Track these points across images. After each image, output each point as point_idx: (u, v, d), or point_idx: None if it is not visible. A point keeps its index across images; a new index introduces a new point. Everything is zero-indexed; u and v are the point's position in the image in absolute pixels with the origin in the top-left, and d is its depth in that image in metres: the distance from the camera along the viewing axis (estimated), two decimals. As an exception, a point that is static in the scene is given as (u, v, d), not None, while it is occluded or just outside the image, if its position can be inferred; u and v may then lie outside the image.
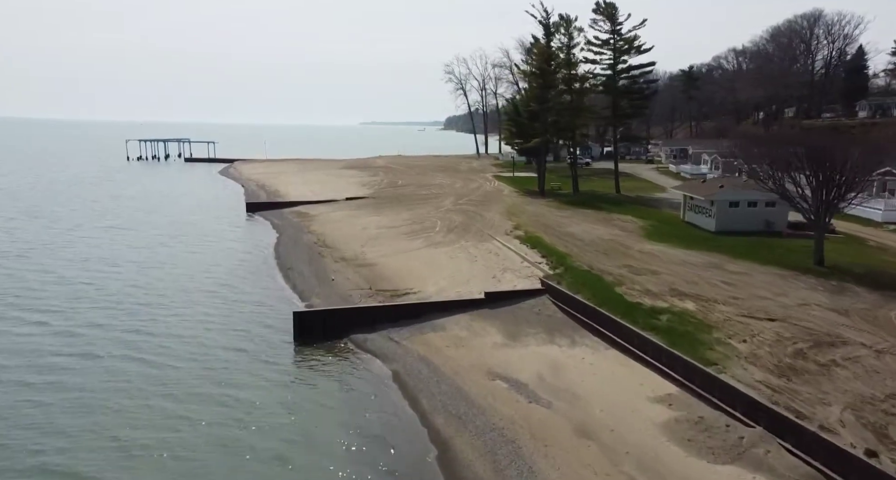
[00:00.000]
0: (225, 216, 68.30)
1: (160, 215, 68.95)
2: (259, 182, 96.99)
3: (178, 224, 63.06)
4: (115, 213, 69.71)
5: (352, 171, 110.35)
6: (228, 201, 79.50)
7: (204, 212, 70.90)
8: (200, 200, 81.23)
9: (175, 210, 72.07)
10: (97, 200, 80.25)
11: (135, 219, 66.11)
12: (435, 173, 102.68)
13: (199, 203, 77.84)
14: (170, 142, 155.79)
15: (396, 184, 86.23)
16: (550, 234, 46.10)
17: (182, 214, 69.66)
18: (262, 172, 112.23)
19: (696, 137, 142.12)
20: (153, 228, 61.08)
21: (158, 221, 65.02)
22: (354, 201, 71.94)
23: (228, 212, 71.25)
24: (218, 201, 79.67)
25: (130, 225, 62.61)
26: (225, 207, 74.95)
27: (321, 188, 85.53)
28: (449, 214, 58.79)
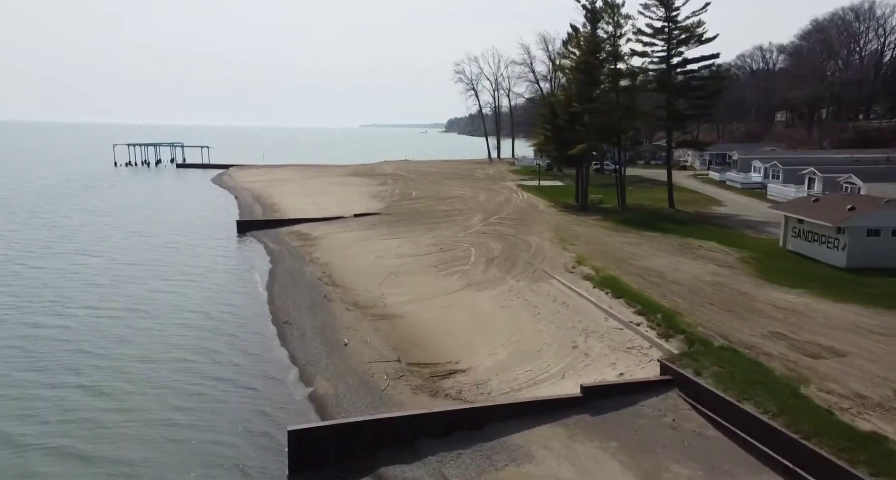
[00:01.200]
0: (213, 238, 56.78)
1: (137, 236, 57.40)
2: (254, 192, 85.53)
3: (155, 250, 51.54)
4: (84, 233, 58.22)
5: (357, 179, 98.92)
6: (218, 217, 67.97)
7: (189, 232, 59.33)
8: (187, 215, 69.66)
9: (156, 229, 60.56)
10: (68, 215, 68.75)
11: (106, 242, 54.62)
12: (450, 182, 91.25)
13: (185, 220, 66.30)
14: (161, 146, 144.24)
15: (410, 196, 74.77)
16: (627, 271, 34.67)
17: (163, 234, 58.14)
18: (259, 179, 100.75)
19: (725, 140, 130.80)
20: (124, 254, 49.58)
21: (133, 245, 53.51)
22: (365, 218, 60.46)
23: (217, 231, 59.75)
24: (207, 217, 68.14)
25: (99, 250, 51.18)
26: (214, 224, 63.42)
27: (324, 200, 74.12)
28: (482, 237, 47.36)
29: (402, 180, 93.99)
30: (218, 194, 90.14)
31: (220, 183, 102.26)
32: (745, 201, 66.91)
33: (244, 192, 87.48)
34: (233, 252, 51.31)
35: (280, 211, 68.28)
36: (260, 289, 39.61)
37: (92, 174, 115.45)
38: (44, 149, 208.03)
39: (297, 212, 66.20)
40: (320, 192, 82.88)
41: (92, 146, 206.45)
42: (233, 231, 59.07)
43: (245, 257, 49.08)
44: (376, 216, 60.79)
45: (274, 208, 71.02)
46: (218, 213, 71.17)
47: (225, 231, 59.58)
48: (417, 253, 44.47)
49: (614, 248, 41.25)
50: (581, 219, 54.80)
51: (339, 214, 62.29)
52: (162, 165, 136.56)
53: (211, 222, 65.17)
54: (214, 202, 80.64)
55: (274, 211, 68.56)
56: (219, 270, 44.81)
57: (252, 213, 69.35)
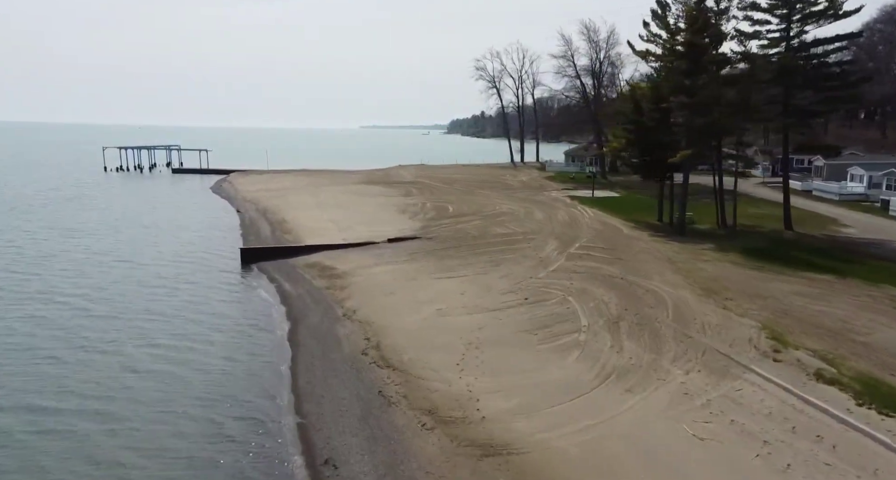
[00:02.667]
0: (211, 270, 43.28)
1: (119, 268, 43.78)
2: (260, 204, 71.99)
3: (139, 293, 37.89)
4: (55, 263, 44.61)
5: (376, 187, 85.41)
6: (218, 240, 54.37)
7: (179, 263, 45.65)
8: (181, 236, 55.96)
9: (143, 257, 46.97)
10: (36, 237, 54.99)
11: (80, 276, 41.11)
12: (485, 192, 77.80)
13: (179, 243, 52.60)
14: (157, 149, 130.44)
15: (447, 211, 61.19)
16: (870, 359, 21.30)
17: (152, 265, 44.55)
18: (263, 188, 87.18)
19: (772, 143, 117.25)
20: (91, 303, 35.96)
21: (113, 282, 39.92)
22: (402, 243, 46.96)
23: (217, 260, 46.23)
24: (205, 240, 54.47)
25: (68, 290, 37.72)
26: (213, 250, 49.83)
27: (343, 216, 60.61)
28: (576, 279, 33.88)
29: (429, 190, 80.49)
30: (218, 206, 76.47)
31: (221, 192, 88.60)
32: (865, 219, 53.52)
33: (248, 204, 73.90)
34: (236, 298, 37.63)
35: (293, 232, 54.74)
36: (280, 374, 26.04)
37: (79, 181, 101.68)
38: (34, 152, 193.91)
39: (313, 233, 52.73)
40: (337, 204, 69.36)
41: (85, 149, 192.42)
42: (236, 261, 45.61)
43: (253, 309, 35.38)
44: (416, 242, 47.25)
45: (285, 226, 57.47)
46: (218, 233, 57.50)
47: (226, 261, 46.06)
48: (494, 305, 30.94)
49: (796, 306, 27.73)
50: (691, 248, 41.31)
51: (368, 238, 48.73)
52: (156, 170, 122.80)
53: (209, 246, 51.50)
54: (214, 218, 66.95)
55: (285, 232, 55.01)
56: (216, 335, 31.04)
57: (259, 233, 55.79)
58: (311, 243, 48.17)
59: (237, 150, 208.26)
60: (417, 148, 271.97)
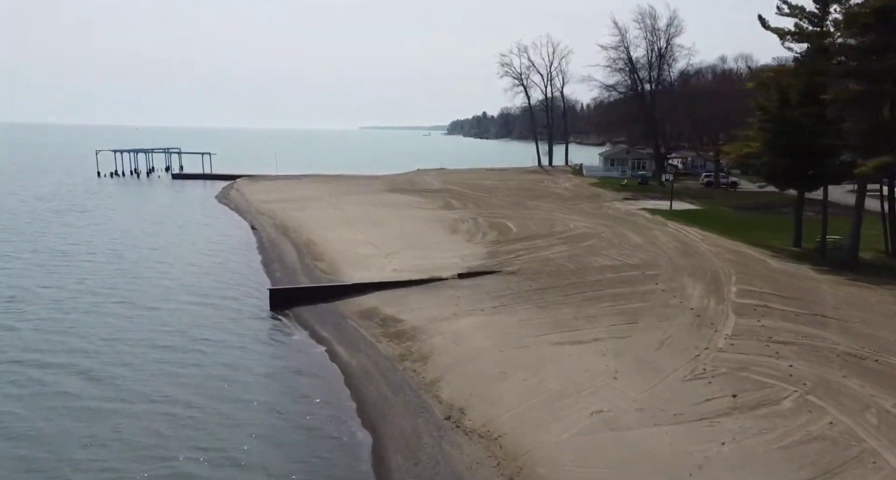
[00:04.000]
0: (231, 320, 31.70)
1: (111, 320, 32.07)
2: (277, 219, 60.48)
3: (136, 362, 26.34)
4: (18, 315, 32.81)
5: (406, 197, 73.92)
6: (235, 269, 42.79)
7: (191, 306, 33.93)
8: (189, 265, 44.10)
9: (140, 299, 35.27)
10: (12, 266, 43.24)
11: (54, 333, 29.54)
12: (536, 203, 66.45)
13: (187, 277, 40.85)
14: (155, 153, 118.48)
15: (509, 230, 49.60)
16: None
17: (150, 314, 32.77)
18: (277, 197, 75.61)
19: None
20: (75, 378, 24.53)
21: (98, 341, 28.37)
22: (476, 279, 35.41)
23: (238, 303, 34.63)
24: (218, 269, 42.78)
25: (25, 364, 26.09)
26: (231, 284, 38.26)
27: (381, 236, 49.16)
28: (786, 356, 22.19)
29: (470, 200, 69.00)
30: (228, 220, 64.77)
31: (229, 202, 76.93)
32: None
33: (263, 218, 62.30)
34: (273, 370, 26.00)
35: (325, 258, 43.19)
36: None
37: (70, 188, 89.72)
38: (21, 155, 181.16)
39: (353, 262, 41.27)
40: (369, 219, 57.81)
41: (76, 152, 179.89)
42: (262, 304, 34.08)
43: (299, 391, 23.75)
44: (495, 277, 35.65)
45: (314, 250, 45.92)
46: (234, 260, 45.84)
47: (251, 303, 34.56)
48: (683, 407, 19.32)
49: None
50: (879, 290, 29.99)
51: (428, 271, 37.14)
52: (155, 176, 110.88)
53: (227, 279, 39.84)
54: (226, 236, 55.21)
55: (316, 258, 43.44)
56: (261, 455, 19.52)
57: (283, 260, 44.20)
58: (358, 278, 36.53)
59: (239, 152, 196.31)
60: (424, 150, 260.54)
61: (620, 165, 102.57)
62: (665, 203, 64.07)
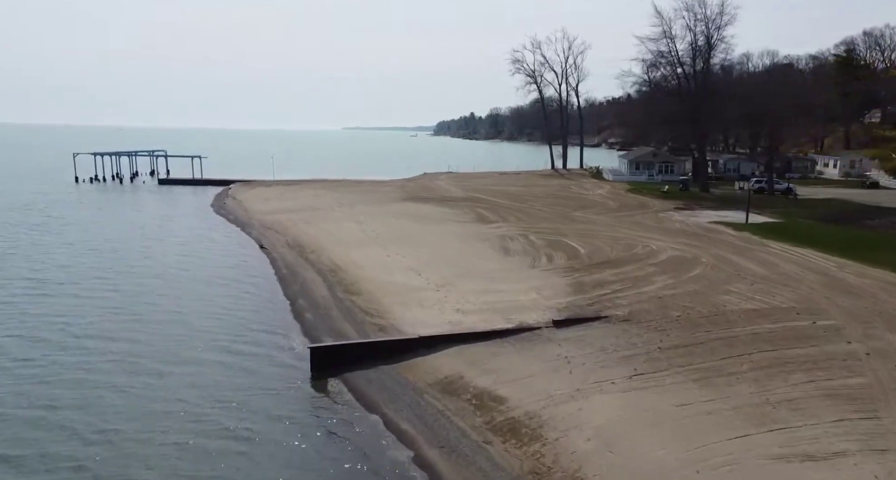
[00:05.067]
0: (263, 400, 22.59)
1: (100, 394, 22.89)
2: (288, 235, 51.35)
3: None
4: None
5: (428, 206, 64.93)
6: (251, 309, 33.41)
7: (205, 380, 24.56)
8: (190, 303, 34.65)
9: (132, 358, 26.02)
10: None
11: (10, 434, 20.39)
12: (581, 214, 57.97)
13: (188, 321, 31.45)
14: (139, 155, 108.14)
15: (575, 252, 40.80)
16: None
17: (148, 398, 23.38)
18: (281, 207, 66.32)
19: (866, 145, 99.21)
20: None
21: (65, 465, 19.21)
22: (577, 328, 26.63)
23: (267, 365, 25.47)
24: (229, 311, 33.25)
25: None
26: (251, 336, 28.98)
27: (423, 260, 40.26)
28: None
29: (505, 211, 60.28)
30: (229, 236, 55.27)
31: (226, 212, 67.40)
32: None
33: (271, 233, 53.07)
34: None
35: (361, 290, 34.22)
36: None
37: (45, 197, 79.42)
38: (3, 158, 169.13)
39: (398, 296, 32.44)
40: (396, 235, 48.82)
41: (53, 154, 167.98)
42: (299, 363, 25.11)
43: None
44: (603, 326, 26.88)
45: (342, 278, 36.88)
46: (248, 293, 36.48)
47: (284, 363, 25.55)
48: None
49: None
50: None
51: (508, 315, 28.32)
52: (139, 181, 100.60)
53: (245, 322, 30.60)
54: (231, 259, 45.74)
55: (351, 291, 34.38)
56: None
57: (310, 294, 35.04)
58: (419, 326, 27.60)
59: (227, 155, 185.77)
60: (417, 151, 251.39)
61: (647, 169, 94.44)
62: (731, 214, 55.96)
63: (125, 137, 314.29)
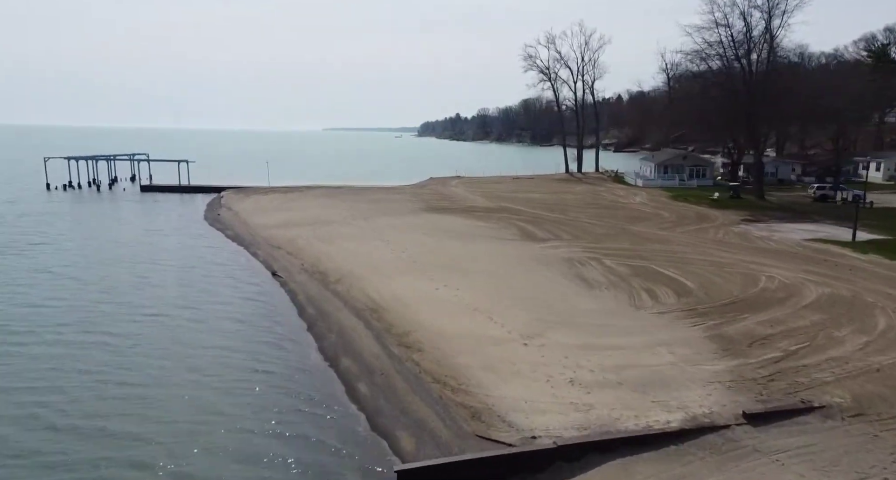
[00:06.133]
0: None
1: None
2: (303, 257, 42.26)
3: None
4: None
5: (458, 219, 56.01)
6: (288, 379, 24.25)
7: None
8: (183, 382, 25.42)
9: (137, 466, 17.00)
10: None
11: None
12: (646, 229, 49.57)
13: (207, 403, 22.37)
14: (118, 160, 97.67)
15: (685, 290, 32.29)
16: None
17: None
18: (286, 220, 57.04)
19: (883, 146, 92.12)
20: None
21: None
22: (781, 428, 18.03)
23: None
24: (254, 384, 24.27)
25: None
26: (295, 430, 20.01)
27: (480, 293, 31.50)
28: None
29: (551, 225, 51.67)
30: (230, 258, 45.64)
31: (223, 226, 57.80)
32: None
33: (281, 254, 43.82)
34: None
35: (425, 346, 25.25)
36: None
37: (11, 207, 69.14)
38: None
39: (479, 356, 23.62)
40: (437, 258, 39.82)
41: (22, 158, 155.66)
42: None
43: None
44: (821, 427, 18.36)
45: (396, 326, 27.89)
46: (267, 343, 27.36)
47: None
48: None
49: None
50: None
51: (650, 391, 19.69)
52: (118, 188, 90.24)
53: (280, 406, 21.48)
54: (237, 291, 36.29)
55: (409, 344, 25.37)
56: None
57: (358, 354, 25.92)
58: (534, 416, 18.75)
59: (209, 158, 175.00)
60: (409, 153, 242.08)
61: (677, 173, 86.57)
62: (818, 228, 48.07)
63: (87, 138, 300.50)
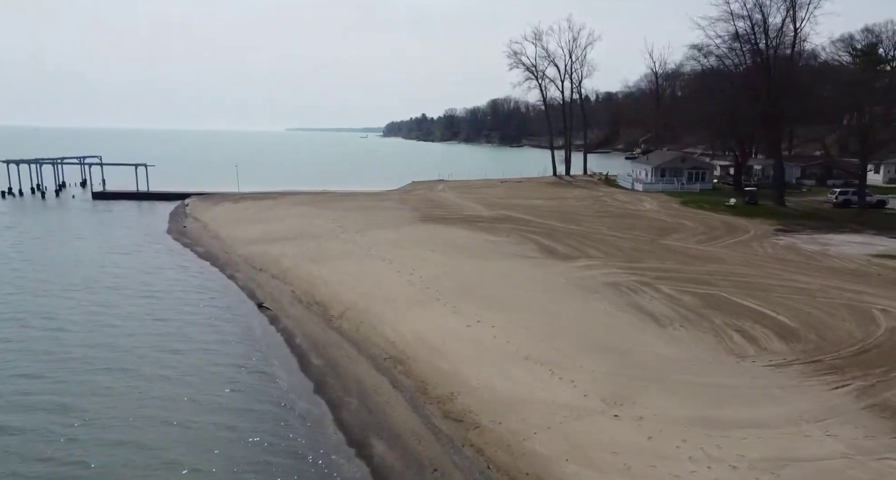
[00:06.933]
0: None
1: None
2: (294, 281, 35.48)
3: None
4: None
5: (462, 231, 49.44)
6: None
7: None
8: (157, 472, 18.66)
9: None
10: None
11: None
12: (680, 242, 43.96)
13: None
14: (66, 163, 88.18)
15: (790, 332, 26.44)
16: None
17: None
18: (265, 233, 49.82)
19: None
20: None
21: None
22: None
23: None
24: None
25: None
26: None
27: (518, 330, 25.17)
28: None
29: (569, 238, 45.60)
30: (205, 283, 38.03)
31: (191, 242, 50.05)
32: None
33: (265, 279, 36.79)
34: None
35: (478, 417, 18.91)
36: None
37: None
38: None
39: (562, 441, 17.25)
40: (456, 283, 33.28)
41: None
42: None
43: None
44: None
45: (429, 386, 21.43)
46: (269, 420, 20.41)
47: None
48: None
49: None
50: None
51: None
52: (67, 194, 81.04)
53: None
54: (216, 329, 29.16)
55: (460, 419, 19.16)
56: None
57: (401, 440, 19.20)
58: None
59: (166, 160, 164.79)
60: (378, 153, 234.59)
61: (675, 177, 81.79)
62: (868, 239, 43.24)
63: (24, 137, 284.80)
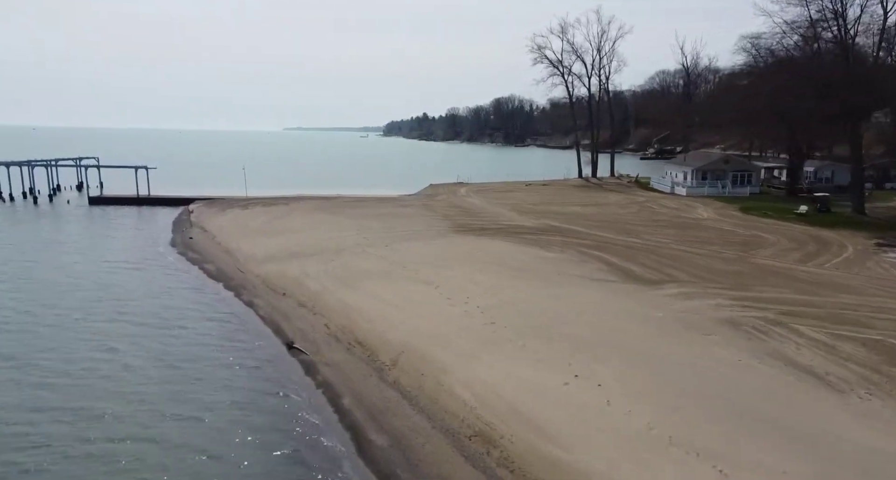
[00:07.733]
0: None
1: None
2: (326, 312, 28.89)
3: None
4: None
5: (502, 244, 42.81)
6: None
7: None
8: None
9: None
10: None
11: None
12: (773, 261, 37.50)
13: None
14: (61, 165, 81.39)
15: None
16: None
17: None
18: (284, 248, 43.18)
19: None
20: None
21: None
22: None
23: None
24: None
25: None
26: None
27: (639, 395, 18.60)
28: None
29: (640, 257, 39.09)
30: (220, 313, 31.43)
31: (200, 257, 43.41)
32: None
33: (290, 306, 30.28)
34: None
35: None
36: None
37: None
38: None
39: None
40: (525, 318, 26.71)
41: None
42: None
43: None
44: None
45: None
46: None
47: None
48: None
49: None
50: None
51: None
52: (62, 199, 74.49)
53: None
54: (244, 387, 22.63)
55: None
56: None
57: None
58: None
59: (165, 162, 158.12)
60: (384, 154, 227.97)
61: (719, 180, 75.49)
62: None
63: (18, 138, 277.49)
